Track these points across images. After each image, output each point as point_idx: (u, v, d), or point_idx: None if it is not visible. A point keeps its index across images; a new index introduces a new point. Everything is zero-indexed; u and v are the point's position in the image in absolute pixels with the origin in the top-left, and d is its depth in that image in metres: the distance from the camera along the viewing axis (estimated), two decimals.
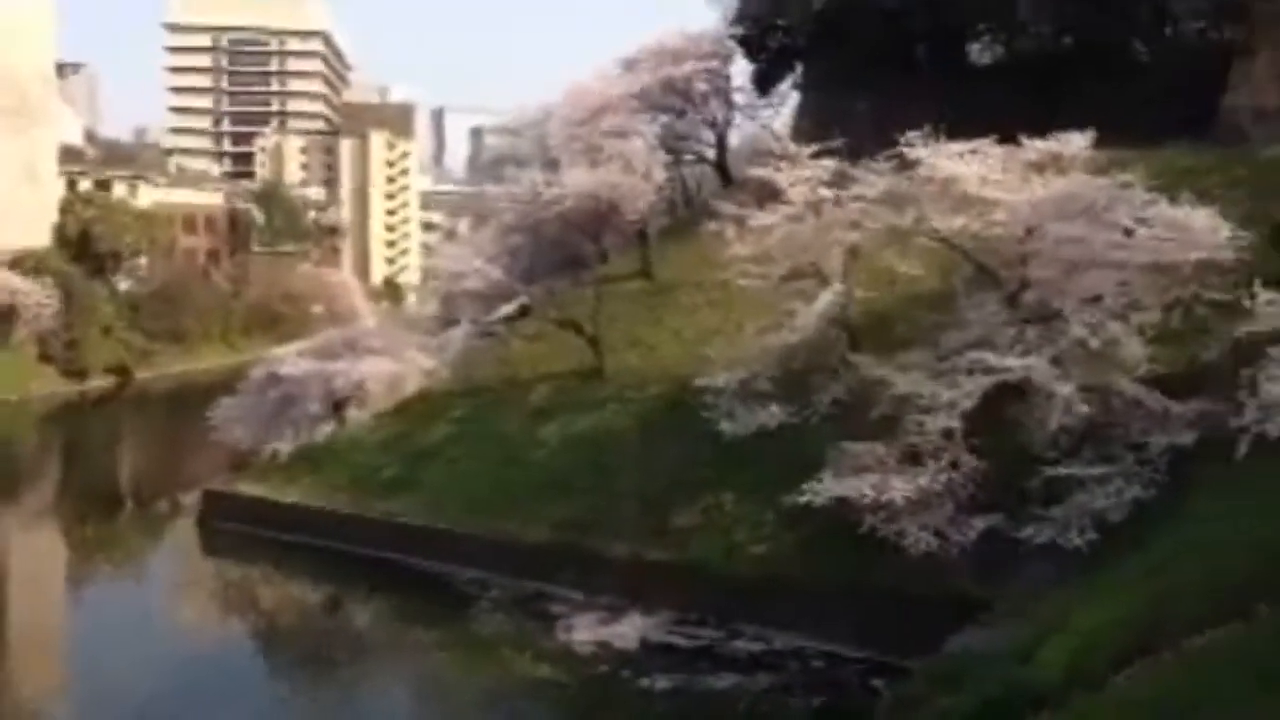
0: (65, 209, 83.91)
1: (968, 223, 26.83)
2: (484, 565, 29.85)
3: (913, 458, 23.90)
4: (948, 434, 23.60)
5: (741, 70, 48.18)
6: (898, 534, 23.15)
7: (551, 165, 43.99)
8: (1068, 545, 21.60)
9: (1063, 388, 22.74)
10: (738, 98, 48.67)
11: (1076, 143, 27.66)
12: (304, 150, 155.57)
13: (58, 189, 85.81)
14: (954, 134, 28.42)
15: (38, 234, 79.59)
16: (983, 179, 27.01)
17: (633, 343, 36.57)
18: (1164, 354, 23.93)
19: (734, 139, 49.58)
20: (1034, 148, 27.82)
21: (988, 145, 28.02)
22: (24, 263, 74.06)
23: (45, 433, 65.46)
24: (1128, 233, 24.72)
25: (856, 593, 23.47)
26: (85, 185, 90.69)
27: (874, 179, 28.48)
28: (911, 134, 28.34)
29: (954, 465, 23.47)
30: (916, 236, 28.25)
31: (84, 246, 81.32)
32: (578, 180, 40.26)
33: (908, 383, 24.70)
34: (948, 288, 28.35)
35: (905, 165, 28.17)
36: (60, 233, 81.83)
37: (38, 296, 71.85)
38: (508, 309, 41.75)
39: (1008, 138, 28.21)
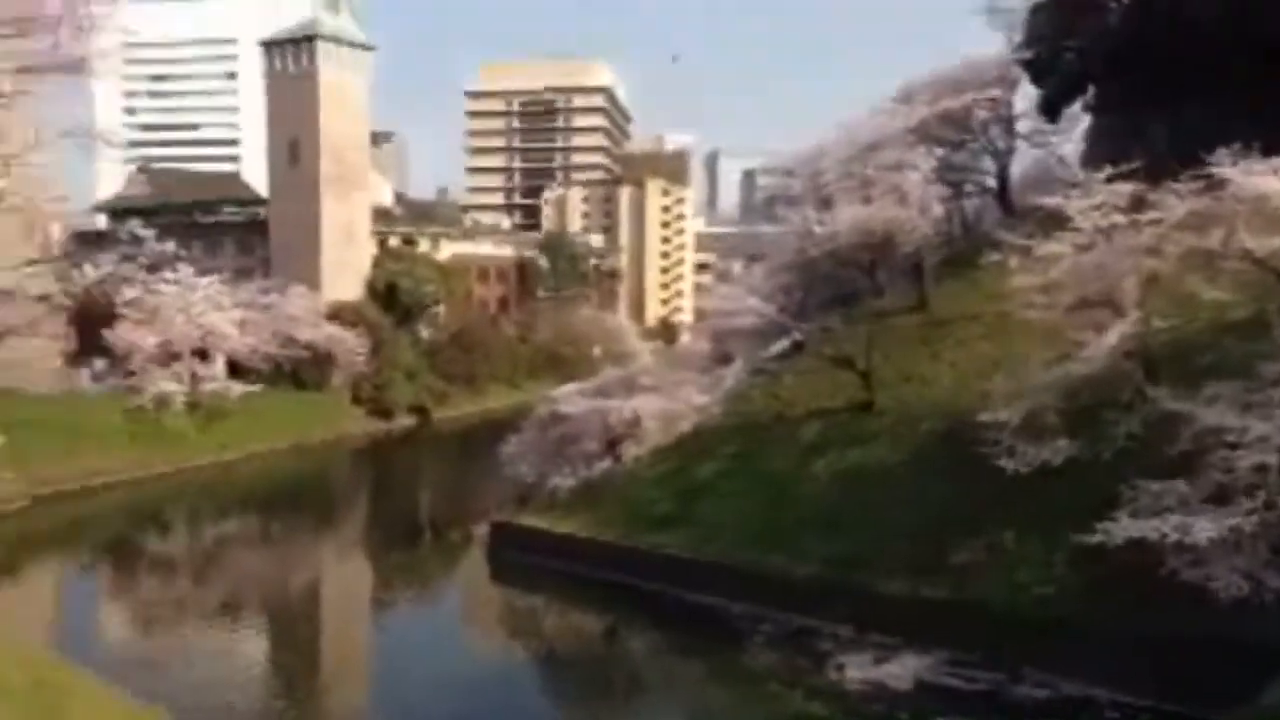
0: (376, 264, 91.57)
1: None
2: (754, 599, 29.74)
3: (1220, 497, 21.85)
4: (1261, 470, 21.41)
5: (1026, 96, 46.29)
6: (1204, 578, 21.16)
7: (824, 203, 43.74)
8: None
9: None
10: (1021, 125, 46.80)
11: None
12: (585, 200, 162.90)
13: (370, 246, 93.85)
14: (1269, 152, 26.01)
15: (353, 288, 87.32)
16: None
17: (906, 377, 35.63)
18: None
19: (1016, 168, 47.61)
20: None
21: None
22: (341, 314, 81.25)
23: (357, 468, 71.25)
24: None
25: (1155, 639, 21.59)
26: (393, 242, 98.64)
27: (1175, 201, 26.51)
28: (1220, 152, 26.20)
29: (1269, 505, 21.24)
30: (1225, 260, 26.00)
31: (391, 298, 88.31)
32: (851, 216, 39.86)
33: (1214, 416, 22.67)
34: (1261, 314, 25.91)
35: (1212, 186, 26.05)
36: (371, 286, 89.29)
37: (352, 344, 78.55)
38: (780, 346, 41.77)
39: None
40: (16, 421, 50.62)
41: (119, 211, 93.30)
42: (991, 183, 46.74)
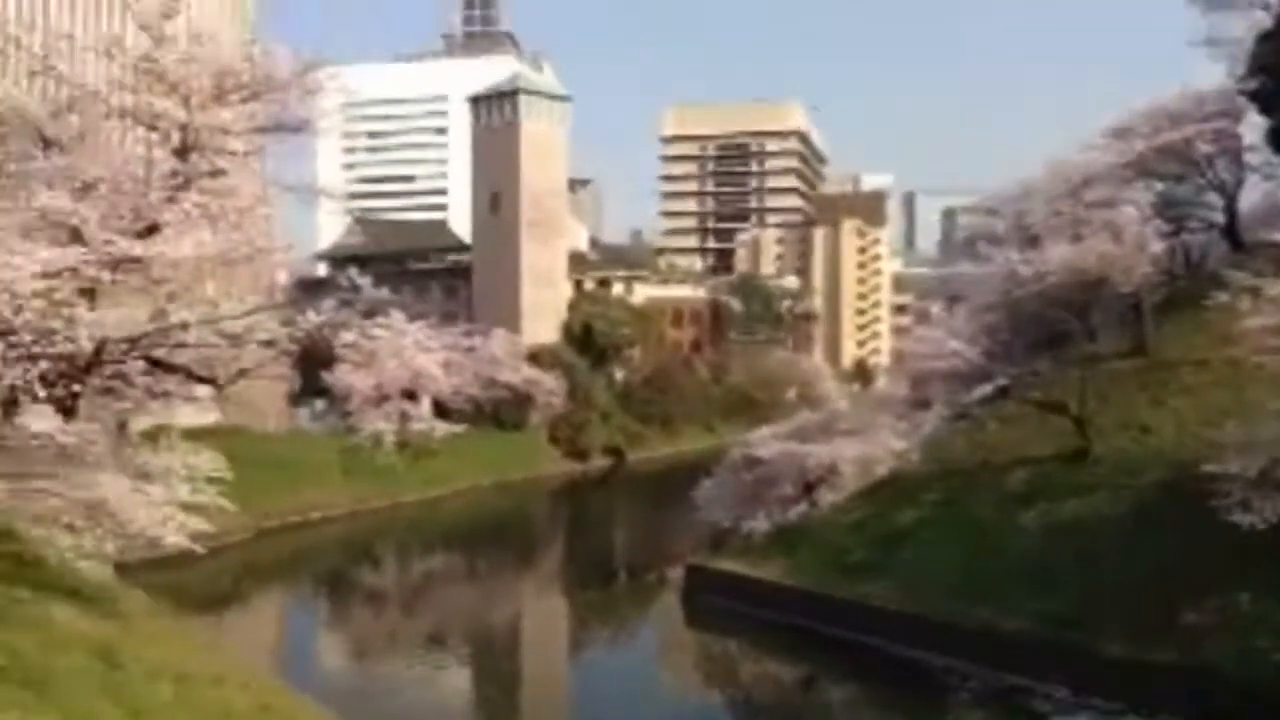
0: (572, 307, 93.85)
1: None
2: (958, 654, 28.54)
3: None
4: None
5: (1253, 126, 43.43)
6: None
7: (1030, 242, 42.14)
8: None
9: None
10: (1250, 157, 43.97)
11: None
12: (779, 242, 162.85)
13: (567, 290, 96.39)
14: None
15: (550, 330, 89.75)
16: None
17: (1124, 425, 33.73)
18: None
19: (1244, 202, 44.74)
20: None
21: None
22: (539, 356, 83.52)
23: (554, 506, 72.79)
24: None
25: None
26: (589, 285, 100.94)
27: None
28: None
29: None
30: None
31: (587, 340, 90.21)
32: (1060, 255, 38.21)
33: None
34: None
35: None
36: (568, 328, 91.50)
37: (549, 385, 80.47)
38: (982, 390, 40.29)
39: None
40: (244, 458, 53.56)
41: (338, 260, 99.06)
42: (1218, 218, 44.06)
